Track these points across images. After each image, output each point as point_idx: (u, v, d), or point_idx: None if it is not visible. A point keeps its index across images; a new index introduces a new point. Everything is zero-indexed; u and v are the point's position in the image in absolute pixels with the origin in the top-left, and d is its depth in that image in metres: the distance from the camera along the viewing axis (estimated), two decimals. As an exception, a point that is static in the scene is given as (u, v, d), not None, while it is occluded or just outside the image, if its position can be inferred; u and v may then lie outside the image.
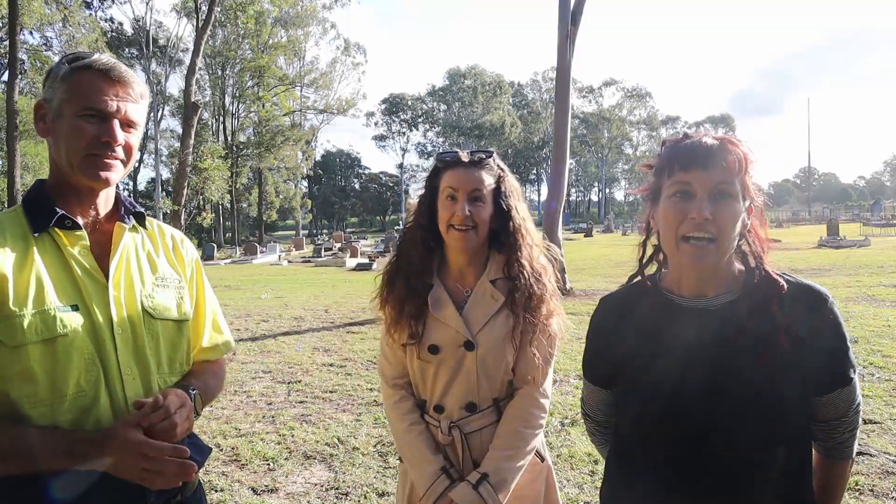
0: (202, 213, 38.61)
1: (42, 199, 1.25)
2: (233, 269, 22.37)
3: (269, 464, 3.77)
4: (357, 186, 78.85)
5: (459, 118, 68.94)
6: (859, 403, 1.24)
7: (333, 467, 3.71)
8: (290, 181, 52.05)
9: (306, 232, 59.69)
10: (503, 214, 1.66)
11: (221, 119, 46.79)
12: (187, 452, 1.15)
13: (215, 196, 37.91)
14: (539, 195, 73.96)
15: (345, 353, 6.80)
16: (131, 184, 48.11)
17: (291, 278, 17.05)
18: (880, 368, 5.30)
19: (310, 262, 24.50)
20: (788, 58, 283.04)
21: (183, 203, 21.94)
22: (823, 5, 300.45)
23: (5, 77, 23.21)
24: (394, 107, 71.58)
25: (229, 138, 45.64)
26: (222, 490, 3.40)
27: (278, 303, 11.17)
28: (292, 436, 4.22)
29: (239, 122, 47.32)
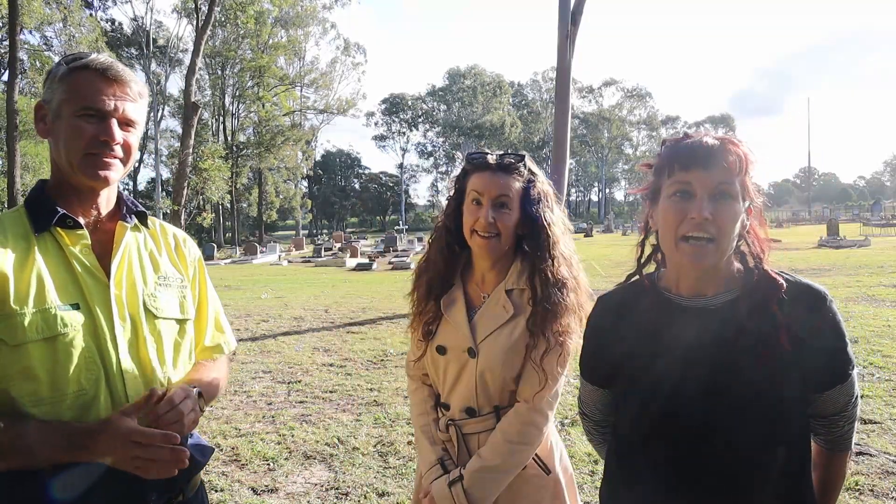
0: (202, 213, 38.61)
1: (43, 199, 1.26)
2: (233, 269, 22.36)
3: (269, 464, 3.77)
4: (357, 186, 78.85)
5: (459, 118, 68.95)
6: (857, 396, 1.24)
7: (333, 467, 3.71)
8: (290, 181, 52.05)
9: (306, 232, 59.70)
10: (530, 222, 1.59)
11: (221, 119, 46.80)
12: (177, 438, 1.13)
13: (215, 196, 37.92)
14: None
15: (345, 353, 6.81)
16: (131, 184, 48.13)
17: (291, 278, 17.04)
18: (880, 368, 5.30)
19: (310, 262, 24.49)
20: (788, 58, 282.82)
21: (183, 203, 21.95)
22: (823, 5, 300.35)
23: (5, 77, 23.23)
24: (394, 107, 71.59)
25: (229, 138, 45.64)
26: (222, 490, 3.40)
27: (278, 303, 11.17)
28: (292, 436, 4.22)
29: (239, 122, 47.32)
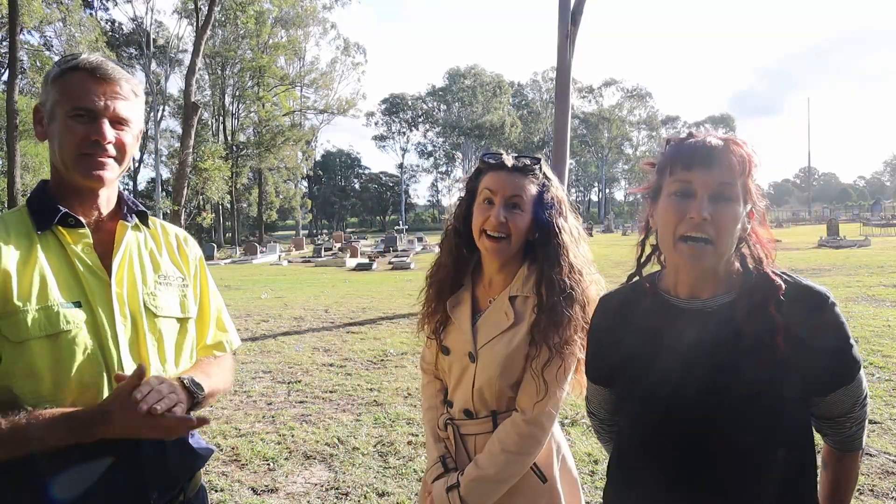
0: (202, 213, 38.64)
1: (45, 199, 1.26)
2: (233, 269, 22.36)
3: (269, 464, 3.77)
4: (357, 186, 78.90)
5: (459, 118, 68.94)
6: (865, 397, 1.22)
7: (333, 467, 3.71)
8: (290, 181, 52.06)
9: (306, 232, 59.70)
10: (542, 227, 1.55)
11: (221, 119, 46.77)
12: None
13: (215, 196, 37.94)
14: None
15: (345, 353, 6.81)
16: (131, 184, 48.12)
17: (291, 278, 17.04)
18: (880, 368, 5.30)
19: (310, 262, 24.48)
20: (788, 58, 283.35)
21: (183, 203, 21.94)
22: (823, 5, 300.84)
23: (5, 77, 23.23)
24: (394, 107, 71.62)
25: (229, 138, 45.62)
26: (222, 490, 3.40)
27: (278, 303, 11.17)
28: (292, 436, 4.22)
29: (239, 122, 47.30)
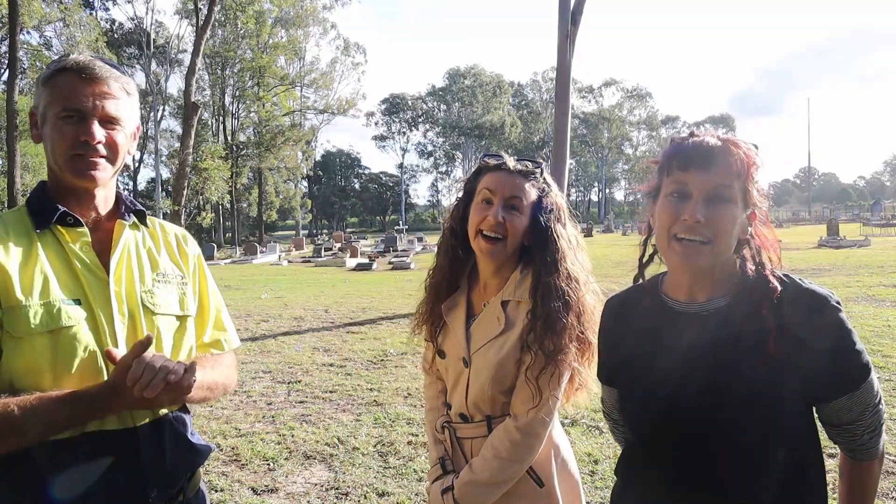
0: (202, 213, 38.65)
1: (44, 199, 1.27)
2: (233, 269, 22.36)
3: (269, 464, 3.76)
4: (357, 186, 78.94)
5: (459, 118, 68.97)
6: (877, 404, 1.18)
7: (333, 467, 3.70)
8: (290, 181, 52.10)
9: (306, 232, 59.71)
10: (539, 231, 1.52)
11: (221, 119, 46.81)
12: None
13: (215, 196, 37.95)
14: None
15: (345, 353, 6.81)
16: (131, 184, 48.15)
17: (291, 278, 17.04)
18: (880, 368, 5.30)
19: (310, 262, 24.48)
20: (788, 58, 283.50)
21: (183, 203, 21.93)
22: (823, 5, 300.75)
23: (5, 77, 23.24)
24: (394, 107, 71.65)
25: (229, 138, 45.65)
26: (222, 490, 3.39)
27: (278, 303, 11.17)
28: (292, 436, 4.22)
29: (239, 122, 47.33)
